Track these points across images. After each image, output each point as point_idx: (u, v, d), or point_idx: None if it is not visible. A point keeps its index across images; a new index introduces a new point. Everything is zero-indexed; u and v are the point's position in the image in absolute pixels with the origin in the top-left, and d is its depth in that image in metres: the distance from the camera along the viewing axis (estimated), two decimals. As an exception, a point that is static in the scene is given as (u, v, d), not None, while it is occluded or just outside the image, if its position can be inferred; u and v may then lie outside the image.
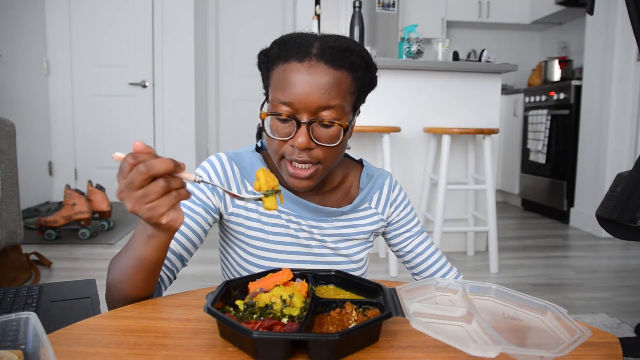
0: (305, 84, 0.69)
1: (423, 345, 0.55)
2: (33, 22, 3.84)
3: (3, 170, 1.91)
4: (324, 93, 0.69)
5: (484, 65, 2.67)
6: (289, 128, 0.71)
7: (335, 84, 0.70)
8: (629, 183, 1.38)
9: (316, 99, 0.69)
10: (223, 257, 0.88)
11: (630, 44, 3.06)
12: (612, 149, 3.20)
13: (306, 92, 0.69)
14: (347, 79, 0.72)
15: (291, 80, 0.70)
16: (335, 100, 0.70)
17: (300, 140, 0.69)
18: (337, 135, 0.72)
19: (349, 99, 0.73)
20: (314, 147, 0.71)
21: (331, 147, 0.72)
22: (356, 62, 0.73)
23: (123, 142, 4.15)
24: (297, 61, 0.70)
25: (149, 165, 0.51)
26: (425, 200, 2.76)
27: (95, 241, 2.86)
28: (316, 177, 0.75)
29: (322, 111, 0.70)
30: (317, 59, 0.70)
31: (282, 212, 0.82)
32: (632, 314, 1.96)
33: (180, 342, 0.54)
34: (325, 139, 0.71)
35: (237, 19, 4.56)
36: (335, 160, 0.76)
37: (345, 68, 0.71)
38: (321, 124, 0.71)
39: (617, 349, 0.55)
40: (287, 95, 0.69)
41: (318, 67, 0.70)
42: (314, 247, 0.83)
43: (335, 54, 0.70)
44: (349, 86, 0.72)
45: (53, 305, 0.91)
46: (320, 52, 0.70)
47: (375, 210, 0.88)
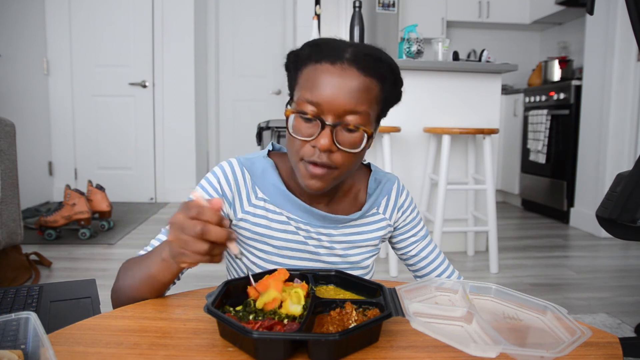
0: (335, 85, 0.69)
1: (423, 345, 0.55)
2: (33, 22, 3.84)
3: (3, 170, 1.91)
4: (352, 97, 0.69)
5: (484, 65, 2.67)
6: (313, 129, 0.71)
7: (365, 90, 0.70)
8: (629, 183, 1.38)
9: (344, 102, 0.69)
10: (231, 260, 0.88)
11: (630, 44, 3.06)
12: (612, 149, 3.20)
13: (335, 94, 0.69)
14: (376, 88, 0.72)
15: (321, 80, 0.70)
16: (362, 106, 0.70)
17: (323, 142, 0.69)
18: (360, 141, 0.72)
19: (374, 108, 0.74)
20: (335, 151, 0.71)
21: (352, 153, 0.72)
22: (386, 74, 0.74)
23: (123, 142, 4.15)
24: (329, 63, 0.71)
25: (206, 230, 0.56)
26: (425, 200, 2.76)
27: (95, 241, 2.86)
28: (330, 180, 0.74)
29: (348, 115, 0.70)
30: (350, 63, 0.70)
31: (291, 219, 0.81)
32: (632, 314, 1.96)
33: (180, 342, 0.54)
34: (348, 144, 0.71)
35: (237, 19, 4.56)
36: (352, 168, 0.75)
37: (375, 77, 0.72)
38: (345, 128, 0.70)
39: (617, 349, 0.55)
40: (316, 95, 0.70)
41: (349, 71, 0.70)
42: (323, 254, 0.83)
43: (368, 61, 0.71)
44: (377, 95, 0.73)
45: (53, 305, 0.91)
46: (353, 57, 0.71)
47: (383, 215, 0.87)
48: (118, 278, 0.72)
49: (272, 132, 2.48)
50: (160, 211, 3.81)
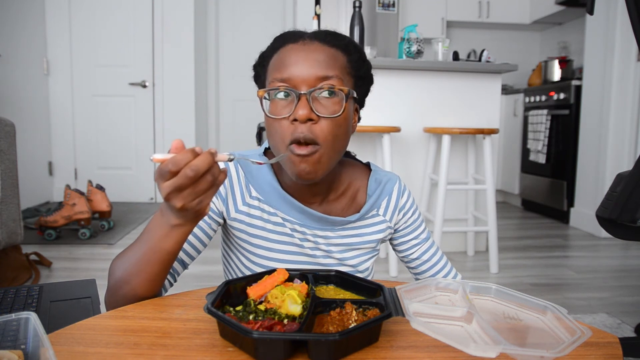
0: (301, 57, 0.70)
1: (423, 345, 0.55)
2: (33, 22, 3.84)
3: (3, 170, 1.91)
4: (321, 64, 0.70)
5: (484, 65, 2.67)
6: (289, 106, 0.69)
7: (331, 58, 0.71)
8: (629, 183, 1.38)
9: (314, 70, 0.69)
10: (225, 261, 0.87)
11: (630, 44, 3.06)
12: (612, 149, 3.20)
13: (302, 65, 0.69)
14: (342, 58, 0.73)
15: (287, 58, 0.71)
16: (332, 71, 0.70)
17: (301, 112, 0.67)
18: (339, 105, 0.70)
19: (346, 77, 0.73)
20: (316, 120, 0.69)
21: (333, 120, 0.69)
22: (349, 45, 0.75)
23: (123, 142, 4.15)
24: (292, 42, 0.72)
25: (195, 168, 0.53)
26: (425, 200, 2.76)
27: (95, 241, 2.86)
28: (317, 164, 0.70)
29: (321, 82, 0.69)
30: (311, 38, 0.73)
31: (287, 221, 0.79)
32: (632, 314, 1.96)
33: (180, 342, 0.54)
34: (328, 111, 0.69)
35: (237, 19, 4.56)
36: (338, 142, 0.72)
37: (339, 47, 0.73)
38: (322, 95, 0.69)
39: (617, 349, 0.55)
40: (284, 71, 0.70)
41: (312, 44, 0.71)
42: (319, 257, 0.81)
43: (328, 34, 0.74)
44: (345, 64, 0.73)
45: (53, 305, 0.91)
46: (313, 34, 0.74)
47: (383, 217, 0.84)
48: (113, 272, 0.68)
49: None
50: (160, 211, 3.81)
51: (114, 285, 0.67)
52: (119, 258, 0.69)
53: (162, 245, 0.62)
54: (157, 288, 0.67)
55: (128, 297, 0.66)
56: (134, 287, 0.65)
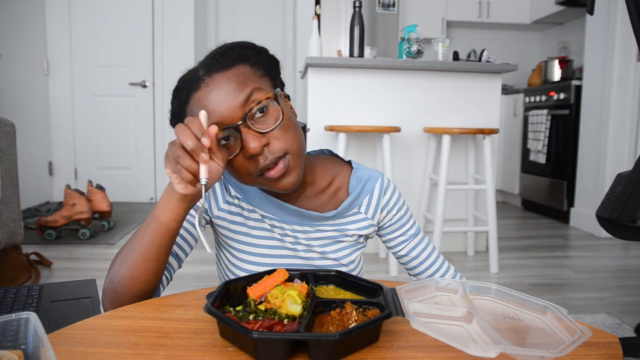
0: (214, 99, 0.67)
1: (423, 345, 0.55)
2: (33, 22, 3.84)
3: (3, 170, 1.91)
4: (234, 92, 0.67)
5: (484, 65, 2.67)
6: (236, 143, 0.68)
7: (238, 78, 0.69)
8: (629, 183, 1.38)
9: (232, 102, 0.67)
10: (217, 259, 0.89)
11: (630, 44, 3.06)
12: (612, 149, 3.20)
13: (220, 104, 0.67)
14: (246, 69, 0.71)
15: (202, 107, 0.67)
16: (247, 87, 0.68)
17: (253, 145, 0.66)
18: (277, 111, 0.69)
19: (262, 82, 0.71)
20: (267, 141, 0.68)
21: (280, 126, 0.68)
22: (242, 53, 0.72)
23: (123, 142, 4.15)
24: (195, 91, 0.70)
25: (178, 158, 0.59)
26: (425, 200, 2.76)
27: (95, 241, 2.87)
28: (293, 169, 0.70)
29: (246, 104, 0.68)
30: (207, 74, 0.69)
31: (265, 217, 0.80)
32: (632, 314, 1.96)
33: (180, 342, 0.54)
34: (271, 125, 0.68)
35: (237, 19, 4.56)
36: (298, 141, 0.71)
37: (236, 63, 0.70)
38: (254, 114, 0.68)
39: (617, 349, 0.55)
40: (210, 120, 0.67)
41: (212, 80, 0.69)
42: (300, 251, 0.81)
43: (217, 60, 0.70)
44: (252, 73, 0.71)
45: (53, 305, 0.91)
46: (205, 69, 0.70)
47: (364, 215, 0.84)
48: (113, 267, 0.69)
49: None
50: (160, 211, 3.81)
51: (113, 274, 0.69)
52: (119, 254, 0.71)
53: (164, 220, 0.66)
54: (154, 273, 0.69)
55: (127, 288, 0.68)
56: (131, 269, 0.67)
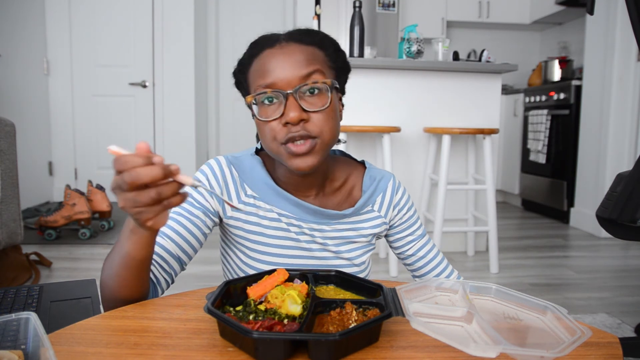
0: (281, 61, 0.71)
1: (423, 345, 0.55)
2: (33, 22, 3.84)
3: (3, 170, 1.91)
4: (301, 64, 0.71)
5: (484, 65, 2.67)
6: (278, 109, 0.71)
7: (310, 55, 0.73)
8: (629, 183, 1.38)
9: (295, 71, 0.71)
10: (224, 260, 0.87)
11: (630, 44, 3.06)
12: (612, 149, 3.20)
13: (284, 68, 0.71)
14: (320, 53, 0.75)
15: (267, 64, 0.72)
16: (313, 66, 0.72)
17: (292, 115, 0.69)
18: (326, 98, 0.72)
19: (327, 70, 0.75)
20: (307, 118, 0.71)
21: (323, 112, 0.71)
22: (324, 40, 0.76)
23: (123, 142, 4.15)
24: (269, 47, 0.73)
25: (135, 175, 0.49)
26: (425, 200, 2.76)
27: (95, 241, 2.86)
28: (317, 153, 0.72)
29: (304, 80, 0.71)
30: (287, 40, 0.73)
31: (282, 216, 0.80)
32: (632, 314, 1.96)
33: (180, 342, 0.54)
34: (316, 106, 0.71)
35: (237, 19, 4.56)
36: (332, 132, 0.74)
37: (315, 44, 0.74)
38: (307, 93, 0.71)
39: (617, 349, 0.55)
40: (267, 77, 0.71)
41: (289, 46, 0.73)
42: (315, 250, 0.82)
43: (302, 32, 0.75)
44: (323, 59, 0.75)
45: (53, 305, 0.91)
46: (288, 35, 0.75)
47: (378, 213, 0.86)
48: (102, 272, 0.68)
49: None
50: (160, 211, 3.81)
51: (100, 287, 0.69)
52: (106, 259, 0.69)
53: (128, 250, 0.61)
54: (136, 293, 0.66)
55: (110, 300, 0.66)
56: (112, 292, 0.66)
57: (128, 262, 0.62)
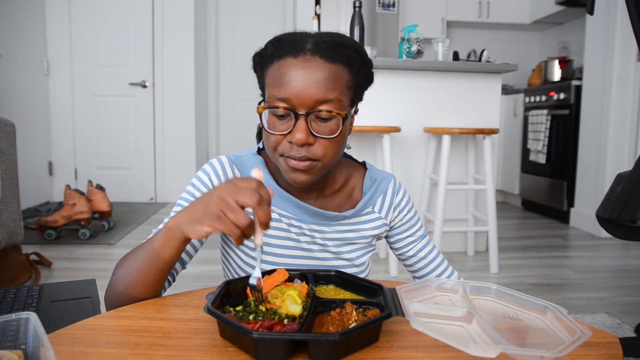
0: (301, 78, 0.69)
1: (423, 345, 0.55)
2: (33, 22, 3.84)
3: (3, 170, 1.91)
4: (320, 87, 0.69)
5: (484, 65, 2.67)
6: (287, 124, 0.70)
7: (332, 77, 0.70)
8: (629, 183, 1.38)
9: (313, 93, 0.68)
10: (224, 260, 0.88)
11: (630, 44, 3.06)
12: (612, 149, 3.20)
13: (302, 86, 0.68)
14: (344, 73, 0.72)
15: (287, 76, 0.69)
16: (332, 93, 0.69)
17: (299, 136, 0.68)
18: (336, 127, 0.71)
19: (346, 93, 0.72)
20: (313, 142, 0.70)
21: (330, 139, 0.71)
22: (351, 55, 0.73)
23: (123, 142, 4.15)
24: (292, 57, 0.70)
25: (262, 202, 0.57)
26: (425, 200, 2.76)
27: (95, 241, 2.86)
28: (315, 172, 0.73)
29: (320, 105, 0.69)
30: (312, 53, 0.70)
31: (283, 216, 0.81)
32: (632, 314, 1.96)
33: (180, 342, 0.54)
34: (324, 133, 0.70)
35: (237, 19, 4.56)
36: (335, 158, 0.74)
37: (341, 62, 0.71)
38: (319, 118, 0.70)
39: (617, 349, 0.55)
40: (284, 91, 0.69)
41: (313, 62, 0.69)
42: (315, 251, 0.82)
43: (330, 48, 0.71)
44: (346, 80, 0.72)
45: (53, 305, 0.91)
46: (314, 47, 0.70)
47: (378, 214, 0.86)
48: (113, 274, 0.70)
49: (272, 132, 2.48)
50: (160, 211, 3.81)
51: (113, 283, 0.69)
52: (123, 259, 0.70)
53: (157, 249, 0.64)
54: (152, 293, 0.68)
55: (124, 297, 0.67)
56: (129, 288, 0.67)
57: (153, 259, 0.65)
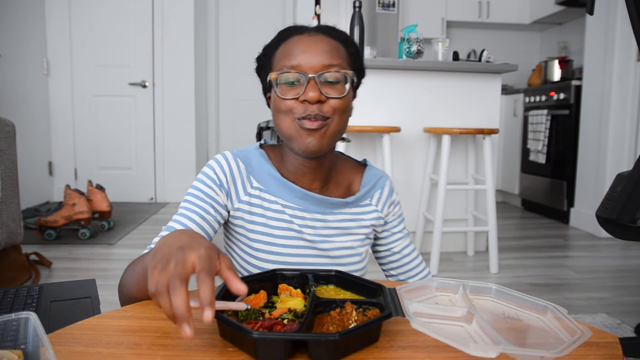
0: (309, 46, 0.77)
1: (423, 345, 0.55)
2: (33, 22, 3.84)
3: (3, 170, 1.91)
4: (325, 54, 0.77)
5: (484, 65, 2.67)
6: (298, 89, 0.76)
7: (334, 48, 0.79)
8: (629, 183, 1.38)
9: (320, 58, 0.76)
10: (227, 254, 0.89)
11: (630, 44, 3.06)
12: (612, 149, 3.20)
13: (310, 53, 0.76)
14: (343, 50, 0.81)
15: (295, 47, 0.78)
16: (336, 60, 0.78)
17: (312, 94, 0.74)
18: (343, 89, 0.78)
19: (347, 67, 0.80)
20: (325, 100, 0.76)
21: (340, 100, 0.77)
22: (347, 39, 0.83)
23: (123, 142, 4.15)
24: (298, 34, 0.80)
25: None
26: (425, 200, 2.76)
27: (95, 241, 2.86)
28: (327, 137, 0.78)
29: (327, 69, 0.77)
30: (316, 31, 0.80)
31: (286, 207, 0.83)
32: (632, 314, 1.96)
33: (180, 342, 0.54)
34: (334, 93, 0.77)
35: (237, 19, 4.56)
36: (343, 120, 0.80)
37: (340, 40, 0.81)
38: (327, 82, 0.77)
39: (617, 349, 0.55)
40: (293, 59, 0.77)
41: (317, 36, 0.79)
42: (318, 242, 0.84)
43: (330, 28, 0.82)
44: (346, 56, 0.81)
45: (53, 305, 0.91)
46: (317, 28, 0.82)
47: (375, 207, 0.91)
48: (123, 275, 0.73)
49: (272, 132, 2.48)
50: (160, 211, 3.81)
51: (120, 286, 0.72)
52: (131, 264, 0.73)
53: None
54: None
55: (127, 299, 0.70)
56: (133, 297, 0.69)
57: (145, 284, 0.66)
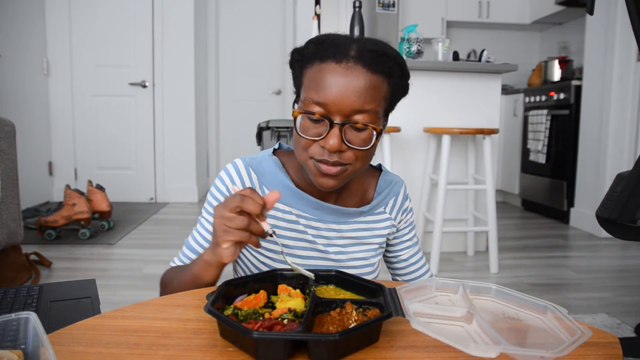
0: (342, 85, 0.68)
1: (423, 345, 0.55)
2: (33, 22, 3.84)
3: (3, 170, 1.91)
4: (359, 96, 0.68)
5: (484, 65, 2.67)
6: (321, 128, 0.70)
7: (371, 88, 0.69)
8: (629, 183, 1.38)
9: (351, 102, 0.68)
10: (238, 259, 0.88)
11: (630, 44, 3.06)
12: (612, 149, 3.20)
13: (341, 94, 0.68)
14: (383, 84, 0.72)
15: (327, 80, 0.69)
16: (369, 104, 0.69)
17: (332, 142, 0.68)
18: (369, 139, 0.71)
19: (382, 105, 0.73)
20: (345, 150, 0.70)
21: (362, 150, 0.71)
22: (393, 68, 0.73)
23: (123, 142, 4.15)
24: (335, 62, 0.69)
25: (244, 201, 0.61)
26: (425, 200, 2.76)
27: (95, 241, 2.86)
28: (343, 177, 0.73)
29: (356, 115, 0.69)
30: (355, 61, 0.69)
31: (301, 217, 0.81)
32: (632, 314, 1.96)
33: (180, 342, 0.54)
34: (357, 143, 0.71)
35: (237, 19, 4.56)
36: (364, 165, 0.75)
37: (382, 73, 0.71)
38: (354, 127, 0.70)
39: (617, 349, 0.55)
40: (322, 95, 0.69)
41: (355, 70, 0.69)
42: (331, 252, 0.83)
43: (373, 57, 0.70)
44: (384, 92, 0.72)
45: (53, 305, 0.91)
46: (358, 55, 0.70)
47: (389, 215, 0.89)
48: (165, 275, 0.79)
49: (272, 132, 2.48)
50: (160, 211, 3.81)
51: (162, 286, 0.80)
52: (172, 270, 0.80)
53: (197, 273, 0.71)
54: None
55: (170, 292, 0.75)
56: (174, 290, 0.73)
57: (196, 280, 0.71)
